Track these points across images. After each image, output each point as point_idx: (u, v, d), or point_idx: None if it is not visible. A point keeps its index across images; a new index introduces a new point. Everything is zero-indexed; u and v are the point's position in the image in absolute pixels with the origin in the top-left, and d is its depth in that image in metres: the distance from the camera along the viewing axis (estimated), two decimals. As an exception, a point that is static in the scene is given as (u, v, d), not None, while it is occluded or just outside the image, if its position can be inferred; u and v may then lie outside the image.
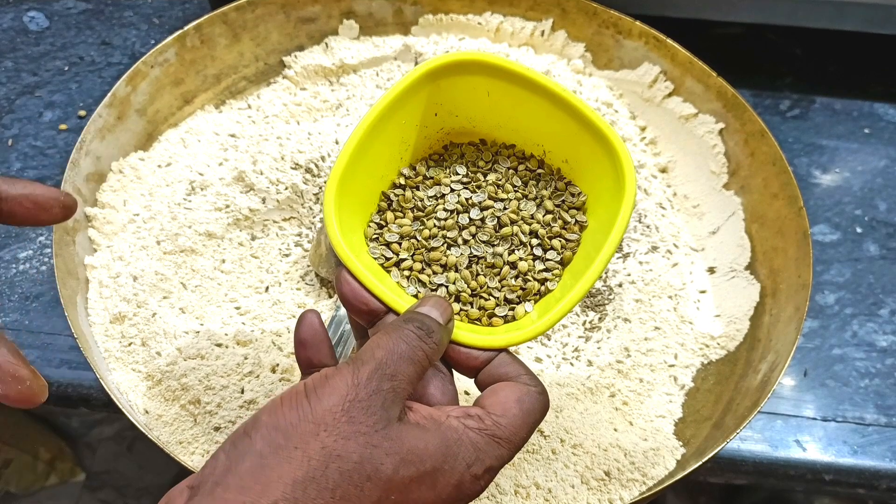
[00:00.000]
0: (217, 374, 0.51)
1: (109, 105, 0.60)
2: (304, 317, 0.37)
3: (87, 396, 0.56)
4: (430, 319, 0.36)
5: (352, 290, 0.38)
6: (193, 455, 0.49)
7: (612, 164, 0.41)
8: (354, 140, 0.40)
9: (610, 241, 0.39)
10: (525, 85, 0.42)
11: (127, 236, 0.58)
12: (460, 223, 0.42)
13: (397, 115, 0.41)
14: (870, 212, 0.68)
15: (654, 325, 0.57)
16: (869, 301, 0.63)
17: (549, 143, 0.44)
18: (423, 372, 0.35)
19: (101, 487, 1.12)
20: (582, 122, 0.41)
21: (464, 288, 0.41)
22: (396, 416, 0.32)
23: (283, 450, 0.30)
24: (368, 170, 0.41)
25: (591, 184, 0.43)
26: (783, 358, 0.51)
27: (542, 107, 0.42)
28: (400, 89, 0.41)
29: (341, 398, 0.31)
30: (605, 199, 0.41)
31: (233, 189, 0.59)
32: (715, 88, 0.64)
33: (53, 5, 0.78)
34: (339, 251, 0.38)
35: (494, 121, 0.45)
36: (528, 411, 0.35)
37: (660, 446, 0.52)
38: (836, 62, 0.78)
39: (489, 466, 0.33)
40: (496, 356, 0.37)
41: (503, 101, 0.43)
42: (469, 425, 0.33)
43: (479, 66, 0.42)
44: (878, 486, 0.56)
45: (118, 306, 0.54)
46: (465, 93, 0.43)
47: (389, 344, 0.34)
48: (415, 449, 0.32)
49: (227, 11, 0.66)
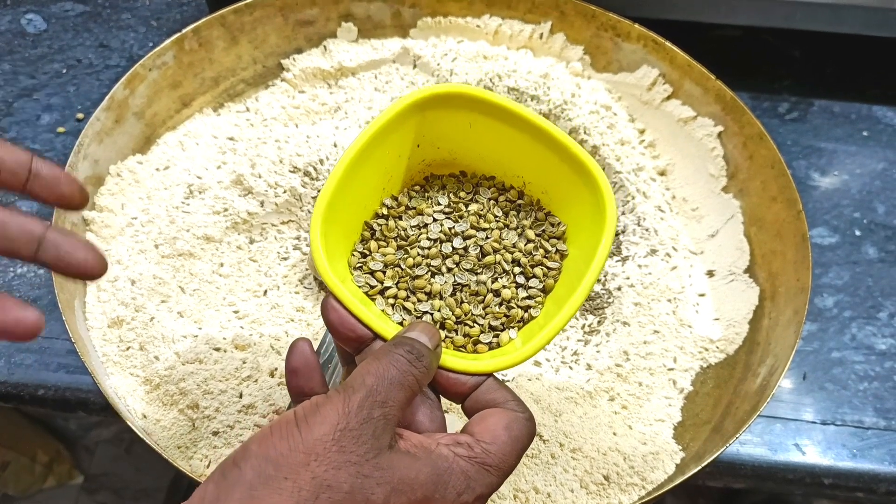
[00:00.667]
0: (215, 379, 0.50)
1: (107, 108, 0.60)
2: (296, 345, 0.37)
3: (86, 400, 0.56)
4: (419, 344, 0.36)
5: (339, 317, 0.37)
6: (192, 460, 0.49)
7: (591, 192, 0.41)
8: (341, 169, 0.40)
9: (592, 268, 0.39)
10: (505, 117, 0.43)
11: (125, 240, 0.58)
12: (443, 252, 0.43)
13: (382, 145, 0.42)
14: (868, 215, 0.68)
15: (654, 329, 0.57)
16: (868, 304, 0.63)
17: (529, 174, 0.45)
18: (413, 397, 0.35)
19: (99, 490, 1.12)
20: (561, 153, 0.42)
21: (448, 315, 0.42)
22: (387, 445, 0.32)
23: (273, 480, 0.30)
24: (353, 199, 0.42)
25: (572, 213, 0.44)
26: (782, 361, 0.51)
27: (523, 138, 0.43)
28: (385, 120, 0.41)
29: (332, 427, 0.31)
30: (586, 227, 0.42)
31: (231, 192, 0.59)
32: (713, 91, 0.64)
33: (51, 8, 0.78)
34: (325, 278, 0.38)
35: (476, 152, 0.45)
36: (517, 438, 0.35)
37: (659, 450, 0.51)
38: (835, 65, 0.78)
39: (479, 494, 0.34)
40: (483, 382, 0.37)
41: (484, 133, 0.44)
42: (459, 453, 0.34)
43: (461, 99, 0.43)
44: (877, 490, 0.56)
45: (116, 310, 0.54)
46: (447, 125, 0.44)
47: (380, 370, 0.34)
48: (406, 478, 0.32)
49: (225, 14, 0.66)
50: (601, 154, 0.63)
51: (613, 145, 0.64)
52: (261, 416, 0.50)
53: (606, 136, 0.64)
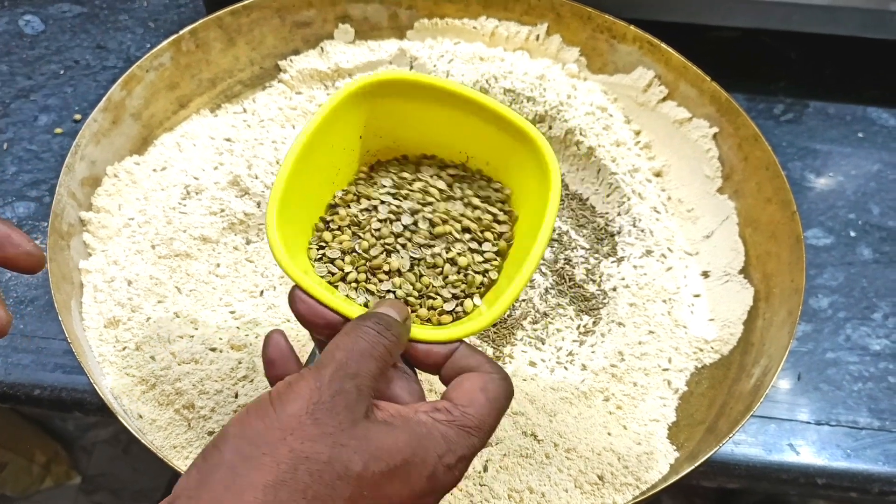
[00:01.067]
0: (211, 379, 0.51)
1: (104, 109, 0.60)
2: (270, 337, 0.37)
3: (82, 401, 0.56)
4: (386, 316, 0.36)
5: (307, 307, 0.38)
6: (187, 459, 0.49)
7: (533, 155, 0.42)
8: (288, 165, 0.41)
9: (544, 226, 0.40)
10: (438, 96, 0.44)
11: (122, 240, 0.58)
12: (394, 231, 0.43)
13: (325, 139, 0.43)
14: (863, 216, 0.68)
15: (649, 329, 0.57)
16: (862, 305, 0.64)
17: (471, 148, 0.46)
18: (385, 367, 0.35)
19: (97, 490, 1.12)
20: (499, 122, 0.43)
21: (410, 290, 0.42)
22: (363, 415, 0.33)
23: (252, 458, 0.30)
24: (304, 194, 0.42)
25: (517, 179, 0.45)
26: (776, 362, 0.51)
27: (458, 114, 0.44)
28: (323, 115, 0.42)
29: (305, 402, 0.32)
30: (533, 190, 0.43)
31: (228, 193, 0.59)
32: (709, 93, 0.64)
33: (49, 9, 0.78)
34: (288, 271, 0.38)
35: (417, 137, 0.46)
36: (494, 398, 0.36)
37: (653, 450, 0.52)
38: (831, 67, 0.78)
39: (461, 456, 0.34)
40: (456, 349, 0.38)
41: (422, 117, 0.45)
42: (437, 418, 0.34)
43: (394, 85, 0.44)
44: (871, 490, 0.56)
45: (112, 311, 0.54)
46: (386, 114, 0.45)
47: (348, 343, 0.34)
48: (383, 445, 0.32)
49: (222, 16, 0.66)
50: (597, 155, 0.63)
51: (609, 147, 0.64)
52: (256, 416, 0.50)
53: (602, 137, 0.64)
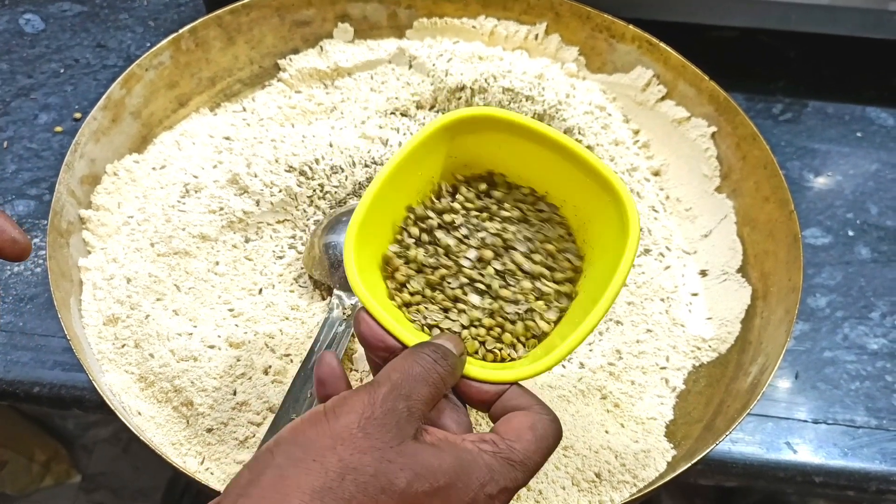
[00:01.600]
0: (209, 376, 0.51)
1: (104, 108, 0.60)
2: (323, 358, 0.39)
3: (81, 398, 0.56)
4: (443, 347, 0.38)
5: (370, 330, 0.39)
6: (186, 456, 0.49)
7: (616, 210, 0.42)
8: (374, 188, 0.42)
9: (613, 283, 0.40)
10: (533, 138, 0.44)
11: (121, 238, 0.58)
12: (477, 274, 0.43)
13: (413, 167, 0.43)
14: (861, 215, 0.69)
15: (647, 328, 0.57)
16: (860, 304, 0.64)
17: (557, 192, 0.46)
18: (438, 394, 0.36)
19: (97, 489, 1.12)
20: (588, 171, 0.43)
21: (479, 334, 0.43)
22: (411, 435, 0.33)
23: (302, 462, 0.31)
24: (386, 216, 0.43)
25: (598, 230, 0.44)
26: (773, 360, 0.51)
27: (550, 157, 0.44)
28: (416, 143, 0.43)
29: (358, 416, 0.33)
30: (610, 244, 0.43)
31: (227, 191, 0.59)
32: (707, 92, 0.64)
33: (49, 8, 0.79)
34: (358, 293, 0.40)
35: (504, 171, 0.46)
36: (542, 437, 0.36)
37: (650, 448, 0.52)
38: (830, 66, 0.78)
39: (504, 487, 0.34)
40: (507, 389, 0.39)
41: (513, 153, 0.45)
42: (484, 448, 0.35)
43: (490, 122, 0.44)
44: (868, 489, 0.56)
45: (112, 308, 0.54)
46: (476, 146, 0.45)
47: (405, 366, 0.35)
48: (429, 465, 0.33)
49: (221, 15, 0.66)
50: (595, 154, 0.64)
51: (608, 146, 0.64)
52: (254, 413, 0.50)
53: (601, 136, 0.64)
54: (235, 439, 0.50)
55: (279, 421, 0.47)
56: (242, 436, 0.50)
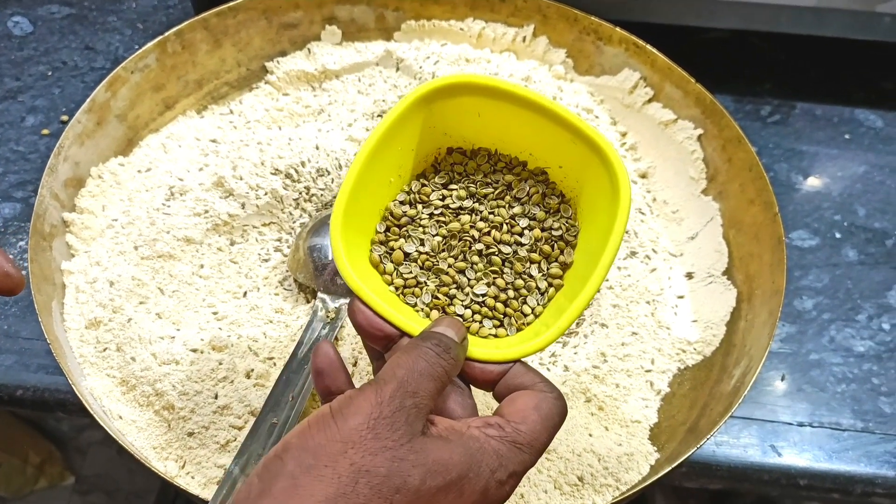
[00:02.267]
0: (191, 380, 0.51)
1: (88, 111, 0.60)
2: (320, 347, 0.38)
3: (64, 401, 0.56)
4: (446, 337, 0.37)
5: (366, 319, 0.39)
6: (167, 461, 0.49)
7: (606, 170, 0.41)
8: (355, 171, 0.41)
9: (609, 247, 0.39)
10: (514, 101, 0.43)
11: (105, 241, 0.58)
12: (466, 247, 0.43)
13: (393, 141, 0.43)
14: (849, 217, 0.68)
15: (632, 331, 0.57)
16: (847, 306, 0.64)
17: (541, 154, 0.45)
18: (443, 387, 0.36)
19: (91, 491, 1.12)
20: (573, 133, 0.42)
21: (480, 311, 0.42)
22: (420, 431, 0.33)
23: (314, 469, 0.31)
24: (369, 198, 0.43)
25: (587, 190, 0.44)
26: (756, 363, 0.51)
27: (532, 120, 0.43)
28: (395, 116, 0.42)
29: (366, 417, 0.32)
30: (601, 205, 0.42)
31: (212, 194, 0.59)
32: (693, 94, 0.64)
33: (38, 10, 0.79)
34: (349, 282, 0.39)
35: (486, 139, 0.46)
36: (547, 416, 0.36)
37: (634, 451, 0.52)
38: (818, 68, 0.78)
39: (513, 471, 0.34)
40: (510, 368, 0.39)
41: (494, 119, 0.44)
42: (490, 434, 0.35)
43: (468, 88, 0.43)
44: (853, 491, 0.56)
45: (94, 311, 0.54)
46: (456, 114, 0.44)
47: (409, 363, 0.35)
48: (440, 459, 0.33)
49: (207, 17, 0.66)
50: (582, 157, 0.63)
51: (595, 148, 0.64)
52: (236, 416, 0.50)
53: (588, 138, 0.64)
54: (216, 443, 0.50)
55: (259, 425, 0.47)
56: (224, 439, 0.50)
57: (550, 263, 0.43)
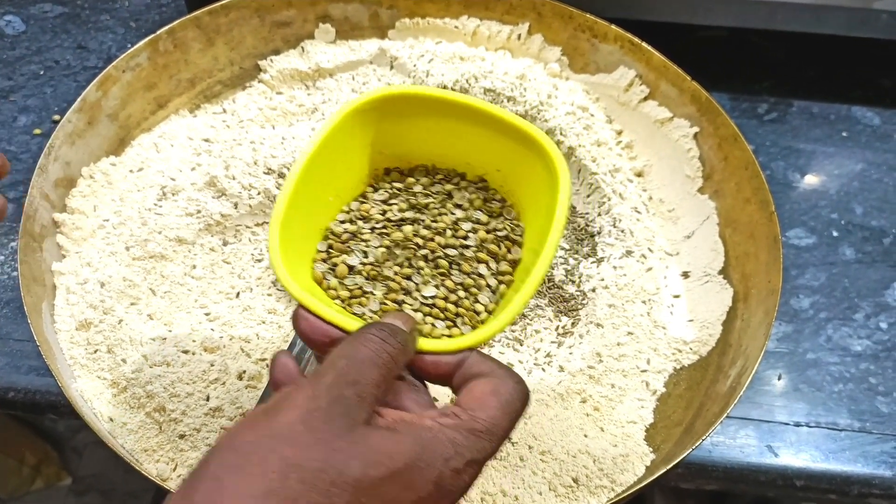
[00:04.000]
0: (182, 382, 0.50)
1: (79, 110, 0.60)
2: (276, 360, 0.37)
3: (55, 403, 0.56)
4: (391, 325, 0.36)
5: (310, 325, 0.38)
6: (158, 463, 0.49)
7: (542, 161, 0.41)
8: (292, 181, 0.40)
9: (551, 234, 0.39)
10: (437, 107, 0.43)
11: (96, 242, 0.57)
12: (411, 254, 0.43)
13: (328, 159, 0.42)
14: (846, 215, 0.68)
15: (628, 331, 0.57)
16: (844, 305, 0.63)
17: (477, 158, 0.45)
18: (390, 375, 0.34)
19: (87, 492, 1.12)
20: (506, 130, 0.42)
21: (430, 313, 0.42)
22: (363, 421, 0.32)
23: (239, 468, 0.29)
24: (307, 212, 0.42)
25: (529, 188, 0.43)
26: (752, 363, 0.51)
27: (466, 126, 0.43)
28: (325, 133, 0.42)
29: (300, 411, 0.31)
30: (543, 200, 0.42)
31: (204, 194, 0.59)
32: (689, 92, 0.63)
33: (30, 9, 0.78)
34: (289, 289, 0.38)
35: (422, 155, 0.46)
36: (506, 401, 0.34)
37: (629, 452, 0.51)
38: (815, 66, 0.77)
39: (470, 459, 0.33)
40: (466, 359, 0.37)
41: (428, 132, 0.44)
42: (445, 423, 0.33)
43: (396, 100, 0.43)
44: (850, 492, 0.56)
45: (84, 313, 0.53)
46: (390, 131, 0.44)
47: (350, 351, 0.33)
48: (383, 449, 0.31)
49: (199, 16, 0.65)
50: (577, 155, 0.63)
51: (590, 146, 0.64)
52: (228, 418, 0.49)
53: (583, 137, 0.64)
54: (208, 446, 0.49)
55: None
56: (216, 442, 0.49)
57: (499, 262, 0.43)
